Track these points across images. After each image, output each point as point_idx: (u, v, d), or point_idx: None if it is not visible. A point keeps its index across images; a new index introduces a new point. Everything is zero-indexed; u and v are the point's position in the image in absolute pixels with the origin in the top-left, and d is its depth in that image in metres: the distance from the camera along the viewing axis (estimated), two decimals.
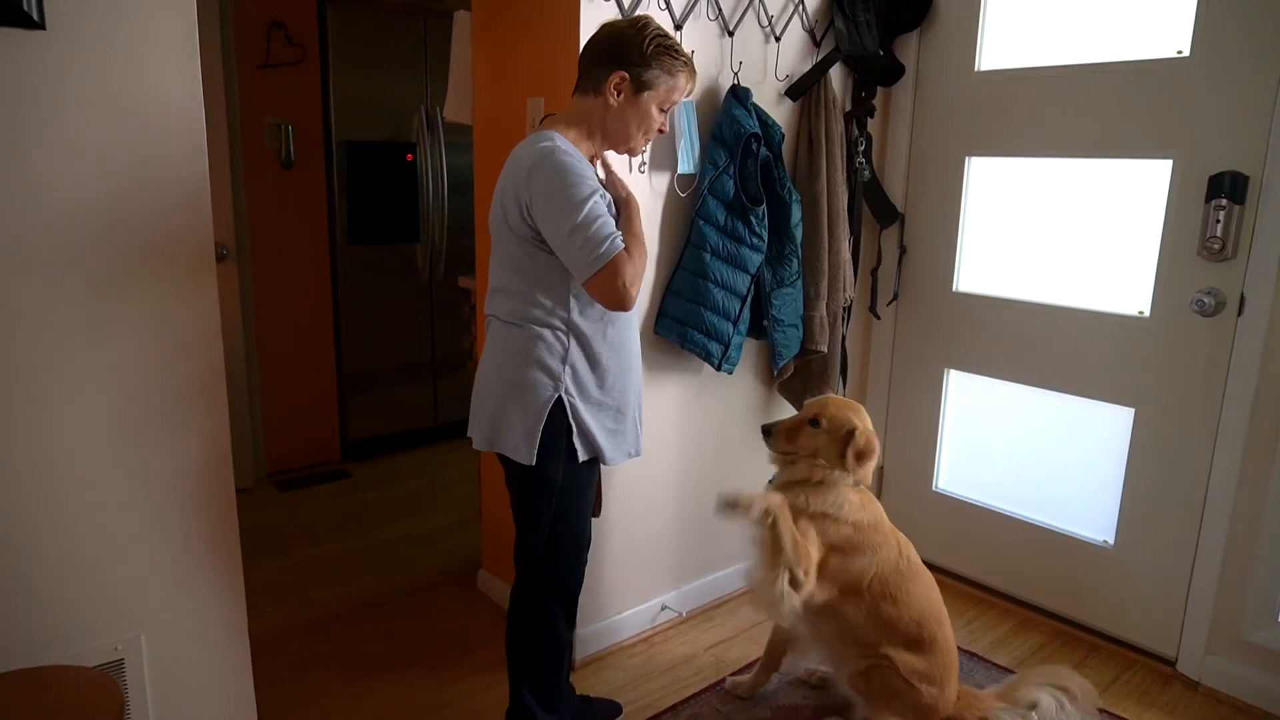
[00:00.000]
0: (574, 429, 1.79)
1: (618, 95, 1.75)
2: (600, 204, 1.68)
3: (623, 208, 1.80)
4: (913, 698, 2.02)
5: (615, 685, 2.38)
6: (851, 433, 2.03)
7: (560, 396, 1.76)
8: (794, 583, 1.94)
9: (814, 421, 2.07)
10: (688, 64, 1.79)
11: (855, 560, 2.02)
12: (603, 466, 1.92)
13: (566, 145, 1.71)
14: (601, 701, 2.25)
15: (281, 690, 2.32)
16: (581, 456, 1.82)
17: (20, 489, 1.57)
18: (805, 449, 2.08)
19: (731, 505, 1.94)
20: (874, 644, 2.05)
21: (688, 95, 1.85)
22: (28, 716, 1.35)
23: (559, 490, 1.83)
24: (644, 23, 1.76)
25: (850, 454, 2.03)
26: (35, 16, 1.46)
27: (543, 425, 1.76)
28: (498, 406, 1.79)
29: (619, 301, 1.68)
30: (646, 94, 1.76)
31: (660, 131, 1.84)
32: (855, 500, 2.06)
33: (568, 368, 1.77)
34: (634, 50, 1.73)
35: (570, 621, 1.99)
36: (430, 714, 2.25)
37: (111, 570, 1.68)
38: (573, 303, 1.76)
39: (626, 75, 1.74)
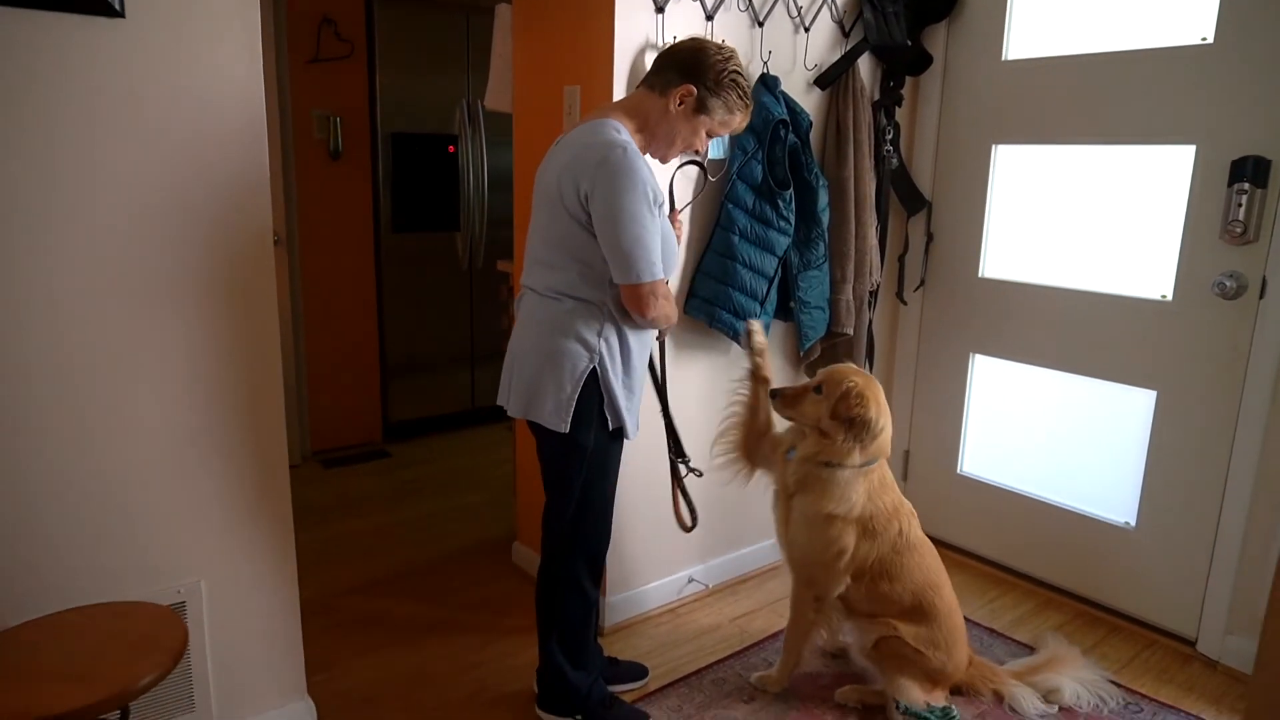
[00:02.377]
0: (605, 399, 1.89)
1: (679, 104, 1.85)
2: (659, 219, 1.79)
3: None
4: (921, 663, 2.10)
5: (642, 651, 2.48)
6: (847, 393, 1.97)
7: (595, 368, 1.86)
8: (819, 599, 2.15)
9: (818, 389, 2.04)
10: (749, 106, 1.91)
11: (860, 550, 2.07)
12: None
13: (632, 143, 1.80)
14: (628, 664, 2.35)
15: (327, 644, 2.46)
16: (611, 425, 1.92)
17: (107, 453, 1.71)
18: (808, 417, 2.05)
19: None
20: (873, 615, 2.13)
21: (734, 131, 1.96)
22: (108, 639, 1.49)
23: (589, 456, 1.93)
24: (729, 54, 1.86)
25: (844, 417, 1.96)
26: (116, 5, 1.58)
27: (578, 394, 1.85)
28: (534, 376, 1.88)
29: (639, 312, 1.82)
30: (703, 116, 1.86)
31: (696, 151, 1.95)
32: (862, 489, 2.03)
33: (603, 341, 1.86)
34: (710, 72, 1.83)
35: (596, 582, 2.09)
36: (467, 671, 2.37)
37: (178, 525, 1.82)
38: (610, 280, 1.85)
39: (695, 90, 1.83)
